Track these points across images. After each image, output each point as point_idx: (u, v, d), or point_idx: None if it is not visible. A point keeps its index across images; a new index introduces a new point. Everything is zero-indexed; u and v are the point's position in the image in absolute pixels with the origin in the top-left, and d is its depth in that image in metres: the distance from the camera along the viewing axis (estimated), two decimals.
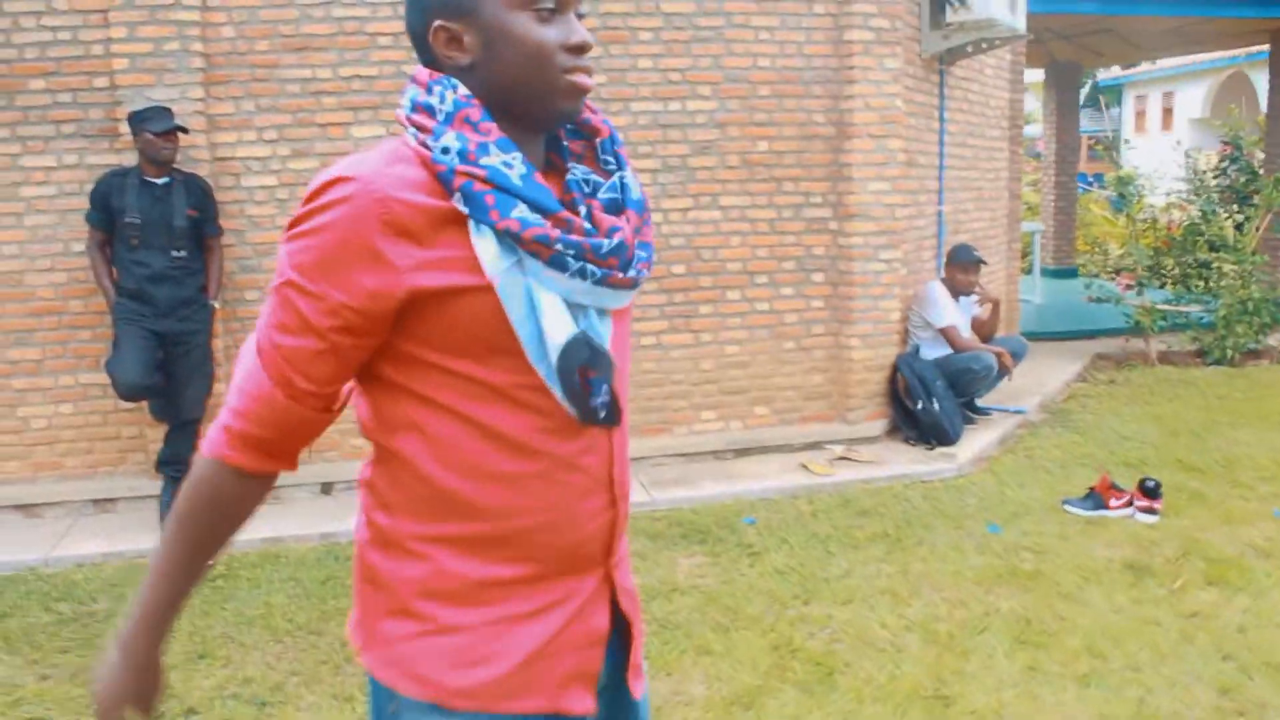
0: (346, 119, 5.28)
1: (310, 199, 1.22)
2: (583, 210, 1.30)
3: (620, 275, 1.29)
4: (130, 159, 4.99)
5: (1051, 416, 7.01)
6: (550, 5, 1.26)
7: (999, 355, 6.53)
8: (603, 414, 1.29)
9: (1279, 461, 5.80)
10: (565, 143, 1.38)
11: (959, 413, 6.38)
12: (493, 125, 1.24)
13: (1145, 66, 21.06)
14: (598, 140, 1.38)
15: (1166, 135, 26.42)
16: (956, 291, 6.66)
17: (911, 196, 6.52)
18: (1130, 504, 5.01)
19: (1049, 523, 4.98)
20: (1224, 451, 6.02)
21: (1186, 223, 10.21)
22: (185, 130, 4.90)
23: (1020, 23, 6.50)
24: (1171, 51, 14.04)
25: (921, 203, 6.79)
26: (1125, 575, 4.31)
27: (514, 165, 1.23)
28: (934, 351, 6.51)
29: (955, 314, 6.58)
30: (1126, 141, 21.24)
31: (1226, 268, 9.12)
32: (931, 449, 6.14)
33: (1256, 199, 9.30)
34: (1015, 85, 8.59)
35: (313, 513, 5.24)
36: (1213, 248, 9.33)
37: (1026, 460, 6.03)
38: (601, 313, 1.30)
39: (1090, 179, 20.73)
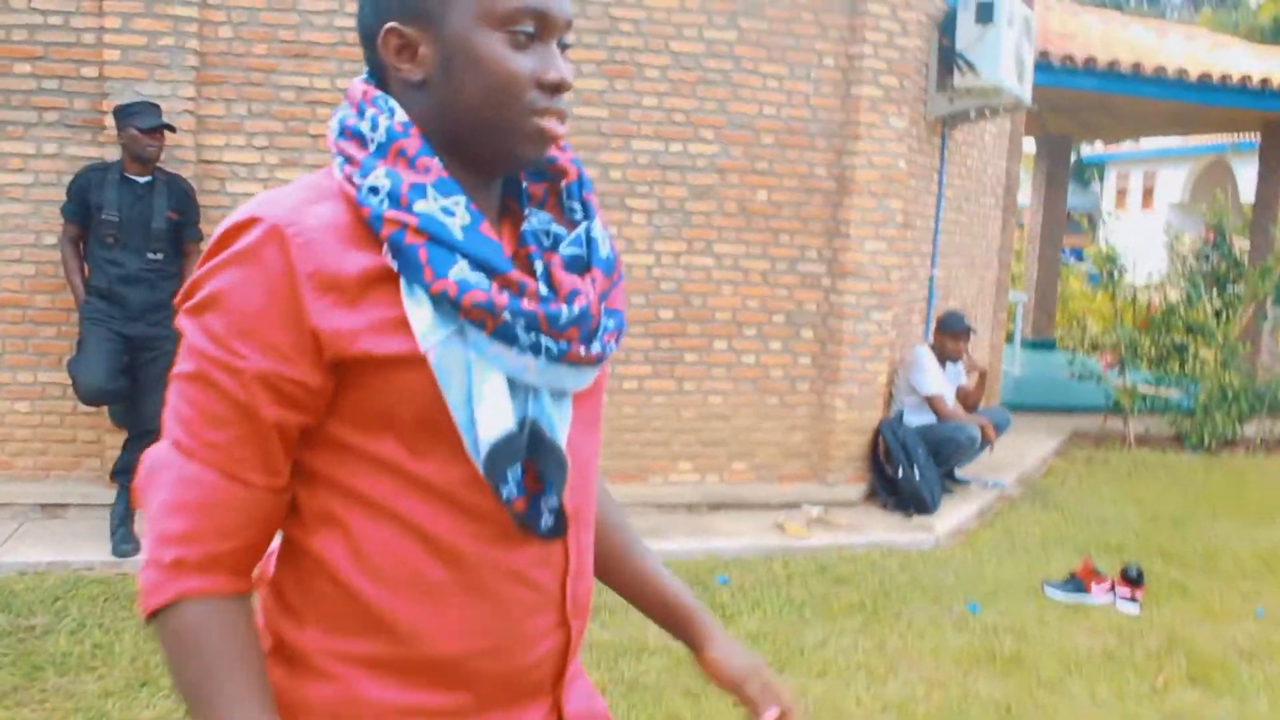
0: None
1: (215, 249, 1.01)
2: (539, 267, 1.10)
3: (582, 351, 1.08)
4: (113, 154, 4.83)
5: (1030, 492, 6.95)
6: (530, 29, 1.05)
7: (983, 426, 6.47)
8: (545, 525, 1.08)
9: (1260, 557, 5.76)
10: (524, 184, 1.17)
11: (939, 482, 6.30)
12: (433, 161, 1.04)
13: (1129, 145, 21.38)
14: (563, 183, 1.17)
15: (1146, 214, 26.84)
16: (944, 358, 6.61)
17: (906, 258, 6.48)
18: (1112, 591, 4.93)
19: (1028, 604, 4.88)
20: (1205, 542, 5.98)
21: (1165, 305, 10.29)
22: (173, 129, 4.76)
23: (1026, 92, 6.51)
24: (1164, 133, 14.25)
25: (915, 265, 6.75)
26: (1107, 666, 4.21)
27: (455, 212, 1.03)
28: (918, 417, 6.44)
29: (942, 381, 6.52)
30: (1112, 214, 21.47)
31: (1203, 352, 9.16)
32: (909, 517, 6.05)
33: (1238, 286, 9.36)
34: (1013, 154, 8.62)
35: None
36: (1190, 331, 9.37)
37: (1005, 537, 5.95)
38: (558, 395, 1.09)
39: (1068, 253, 20.93)
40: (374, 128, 1.05)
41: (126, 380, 4.69)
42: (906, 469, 6.10)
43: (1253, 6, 24.70)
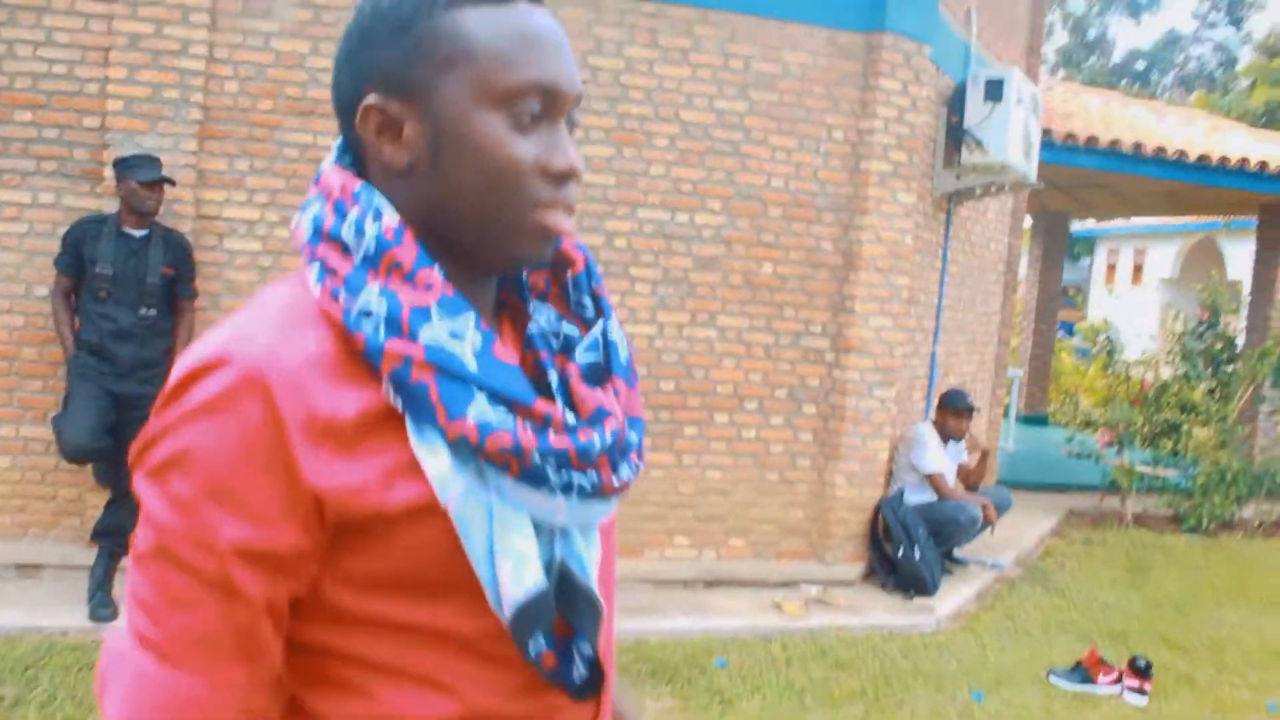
0: None
1: (175, 395, 0.84)
2: (554, 378, 0.97)
3: (615, 481, 0.94)
4: (111, 206, 4.75)
5: (1029, 574, 6.84)
6: (536, 108, 0.91)
7: (984, 507, 6.38)
8: (579, 678, 0.95)
9: (1267, 648, 5.65)
10: (524, 274, 1.03)
11: (939, 562, 6.19)
12: (434, 274, 0.89)
13: (1119, 221, 21.60)
14: (570, 274, 1.03)
15: (1137, 289, 27.08)
16: (946, 436, 6.54)
17: (910, 335, 6.44)
18: (1119, 681, 4.82)
19: (1033, 694, 4.76)
20: (1209, 631, 5.87)
21: (1158, 382, 10.29)
22: (172, 183, 4.69)
23: (1032, 170, 6.53)
24: (1161, 212, 14.38)
25: (918, 341, 6.71)
26: None
27: (465, 335, 0.88)
28: (918, 496, 6.35)
29: (943, 460, 6.44)
30: (1108, 289, 21.65)
31: (1197, 431, 9.13)
32: (909, 598, 5.93)
33: (1233, 367, 9.35)
34: (1015, 230, 8.64)
35: None
36: (1184, 410, 9.34)
37: (1007, 621, 5.83)
38: (587, 530, 0.96)
39: (1060, 327, 21.07)
40: (359, 233, 0.89)
41: (113, 439, 4.56)
42: (907, 549, 6.00)
43: (1244, 88, 25.14)
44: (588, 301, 1.03)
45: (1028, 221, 14.42)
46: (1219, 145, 8.94)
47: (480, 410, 0.86)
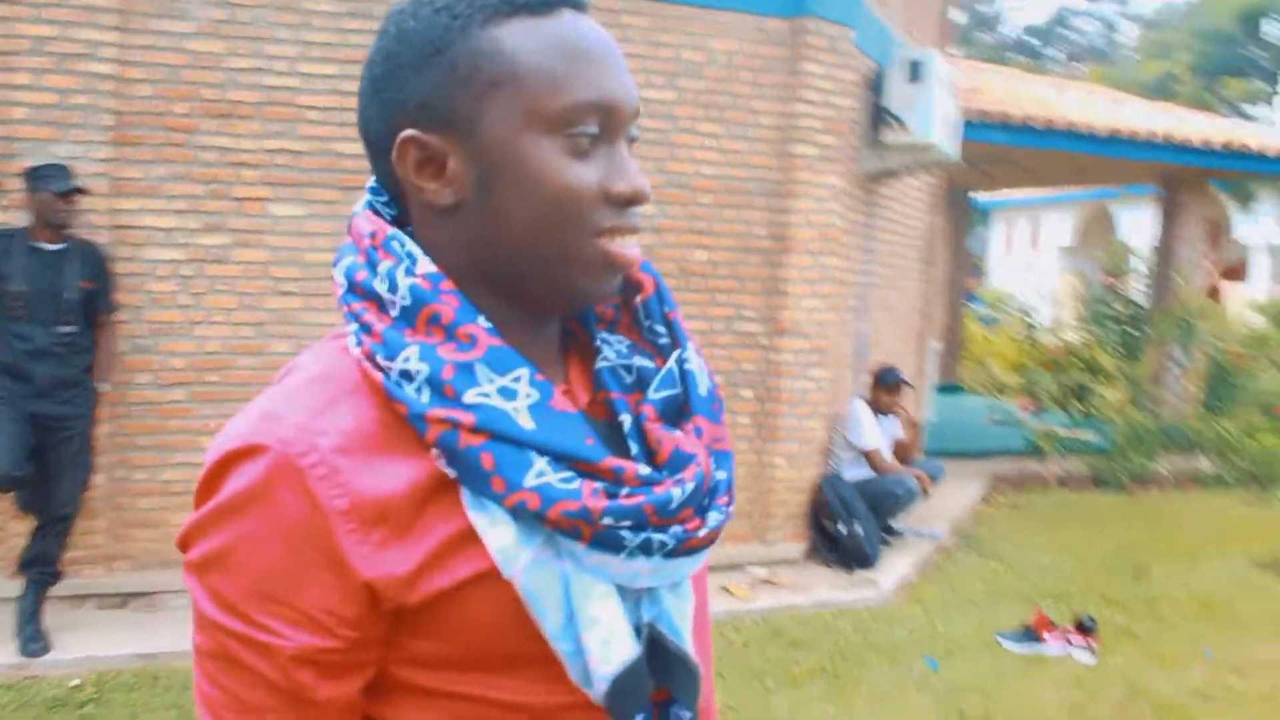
0: (266, 195, 4.94)
1: (208, 489, 0.79)
2: (627, 422, 0.88)
3: (701, 532, 0.84)
4: (19, 219, 4.52)
5: (965, 541, 7.00)
6: (594, 129, 0.83)
7: (919, 479, 6.50)
8: None
9: (1196, 599, 5.88)
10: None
11: (879, 535, 6.29)
12: (478, 327, 0.81)
13: (1015, 193, 22.21)
14: (638, 299, 0.95)
15: (1035, 257, 27.93)
16: (879, 412, 6.65)
17: (840, 315, 6.51)
18: (1066, 641, 4.95)
19: (985, 659, 4.88)
20: (1142, 586, 6.10)
21: (1067, 346, 10.61)
22: (85, 192, 4.49)
23: (955, 148, 6.64)
24: (1066, 183, 14.80)
25: (847, 321, 6.79)
26: None
27: (519, 394, 0.80)
28: (855, 472, 6.44)
29: (878, 436, 6.55)
30: (1006, 258, 22.31)
31: (1106, 393, 9.45)
32: (851, 572, 6.02)
33: (1138, 329, 9.68)
34: (934, 208, 8.79)
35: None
36: (1092, 372, 9.64)
37: (950, 589, 5.96)
38: (675, 586, 0.88)
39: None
40: (392, 287, 0.81)
41: (36, 463, 4.36)
42: (847, 524, 6.08)
43: (1135, 61, 26.01)
44: (661, 329, 0.95)
45: None
46: (1123, 118, 9.24)
47: (540, 475, 0.78)
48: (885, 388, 6.65)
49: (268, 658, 0.77)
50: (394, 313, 0.81)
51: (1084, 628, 4.96)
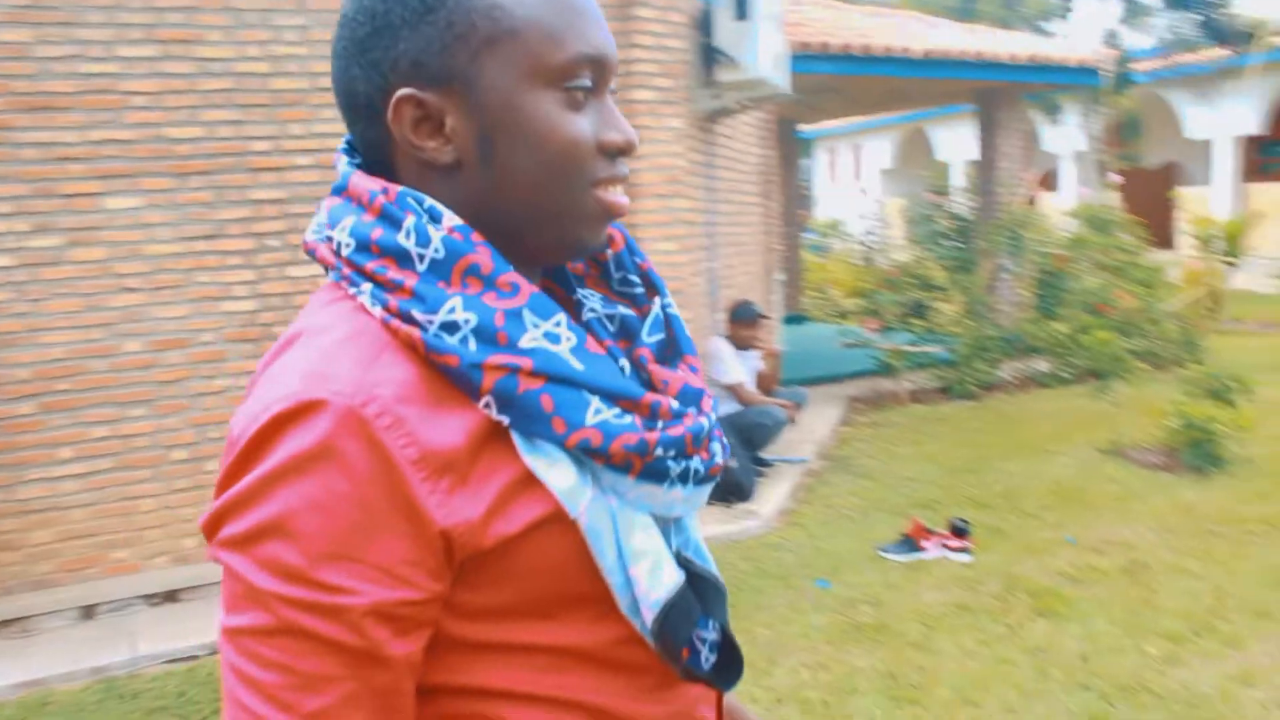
0: (97, 189, 4.74)
1: (257, 451, 0.77)
2: (626, 367, 0.93)
3: (718, 459, 0.93)
4: None
5: (833, 464, 7.34)
6: (588, 83, 0.87)
7: (786, 408, 6.78)
8: (709, 665, 0.93)
9: (1050, 490, 6.36)
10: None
11: (752, 467, 6.55)
12: (515, 275, 0.84)
13: (835, 122, 22.95)
14: (610, 253, 0.99)
15: (858, 183, 28.96)
16: (739, 347, 6.88)
17: (692, 255, 6.69)
18: (944, 545, 5.31)
19: (870, 571, 5.17)
20: (1002, 485, 6.53)
21: (902, 265, 11.12)
22: None
23: (786, 81, 6.86)
24: (887, 109, 15.37)
25: (699, 261, 6.98)
26: (963, 617, 4.54)
27: (561, 337, 0.83)
28: (723, 407, 6.67)
29: (741, 370, 6.79)
30: (830, 185, 23.10)
31: (943, 306, 9.99)
32: (731, 506, 6.26)
33: (967, 243, 10.21)
34: (767, 142, 9.06)
35: (76, 644, 4.60)
36: (928, 288, 10.14)
37: (827, 510, 6.27)
38: (689, 515, 0.95)
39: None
40: (422, 240, 0.82)
41: None
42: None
43: None
44: (636, 279, 0.99)
45: None
46: (938, 41, 9.67)
47: (598, 413, 0.82)
48: (743, 323, 6.89)
49: (339, 619, 0.75)
50: (421, 267, 0.82)
51: (959, 530, 5.32)
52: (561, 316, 0.85)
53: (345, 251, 0.85)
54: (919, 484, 6.67)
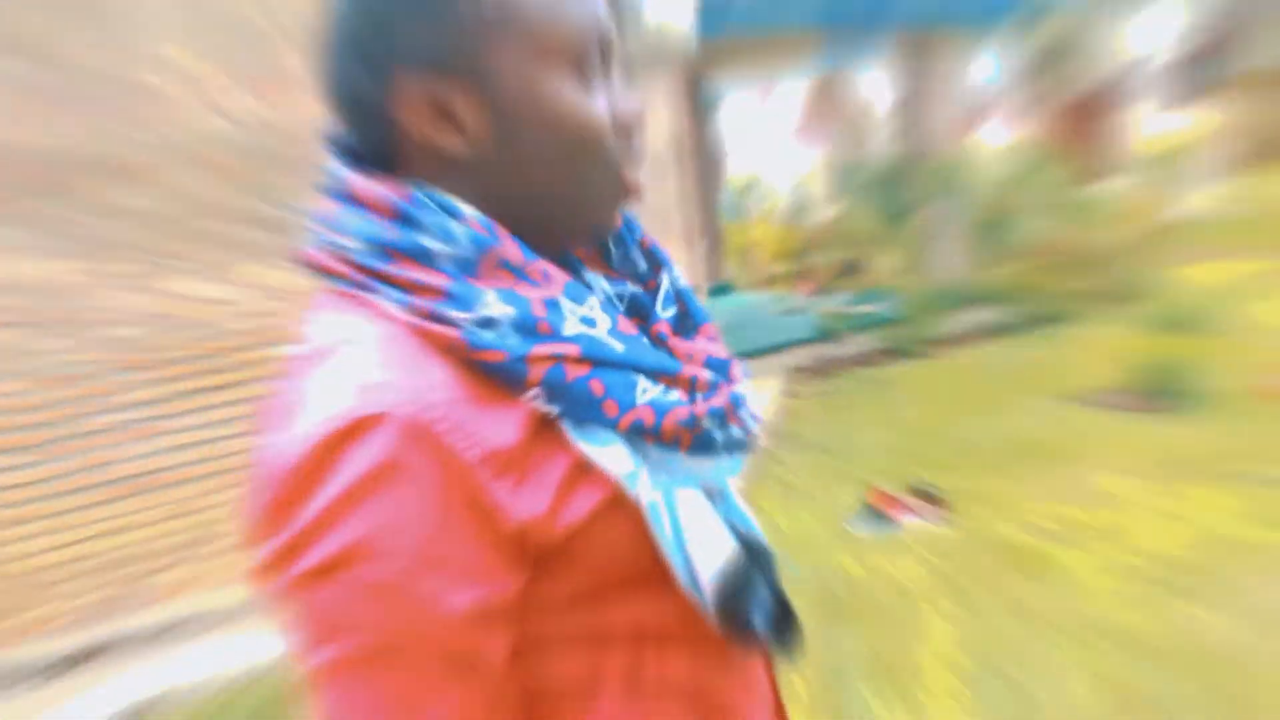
0: None
1: (312, 481, 0.76)
2: (645, 340, 0.97)
3: (754, 427, 1.00)
4: None
5: (782, 440, 7.29)
6: (598, 60, 0.91)
7: None
8: (769, 631, 0.98)
9: (1009, 444, 6.36)
10: None
11: None
12: (545, 264, 0.87)
13: (745, 76, 22.92)
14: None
15: (772, 139, 29.03)
16: None
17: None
18: (913, 512, 5.29)
19: (841, 549, 5.13)
20: (960, 444, 6.53)
21: (829, 222, 11.14)
22: None
23: (693, 35, 6.79)
24: (800, 56, 15.37)
25: None
26: (945, 585, 4.51)
27: (598, 320, 0.88)
28: None
29: None
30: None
31: (879, 261, 10.03)
32: None
33: (896, 192, 10.23)
34: (681, 107, 8.96)
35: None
36: (858, 244, 10.17)
37: (784, 490, 6.21)
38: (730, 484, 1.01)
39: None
40: (446, 237, 0.84)
41: None
42: None
43: None
44: (636, 255, 1.04)
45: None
46: None
47: (646, 392, 0.87)
48: None
49: (439, 628, 0.79)
50: (446, 266, 0.84)
51: (929, 496, 5.31)
52: (594, 300, 0.89)
53: (355, 257, 0.86)
54: (877, 452, 6.65)
